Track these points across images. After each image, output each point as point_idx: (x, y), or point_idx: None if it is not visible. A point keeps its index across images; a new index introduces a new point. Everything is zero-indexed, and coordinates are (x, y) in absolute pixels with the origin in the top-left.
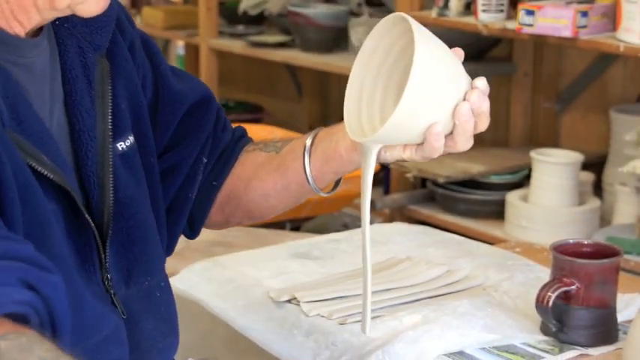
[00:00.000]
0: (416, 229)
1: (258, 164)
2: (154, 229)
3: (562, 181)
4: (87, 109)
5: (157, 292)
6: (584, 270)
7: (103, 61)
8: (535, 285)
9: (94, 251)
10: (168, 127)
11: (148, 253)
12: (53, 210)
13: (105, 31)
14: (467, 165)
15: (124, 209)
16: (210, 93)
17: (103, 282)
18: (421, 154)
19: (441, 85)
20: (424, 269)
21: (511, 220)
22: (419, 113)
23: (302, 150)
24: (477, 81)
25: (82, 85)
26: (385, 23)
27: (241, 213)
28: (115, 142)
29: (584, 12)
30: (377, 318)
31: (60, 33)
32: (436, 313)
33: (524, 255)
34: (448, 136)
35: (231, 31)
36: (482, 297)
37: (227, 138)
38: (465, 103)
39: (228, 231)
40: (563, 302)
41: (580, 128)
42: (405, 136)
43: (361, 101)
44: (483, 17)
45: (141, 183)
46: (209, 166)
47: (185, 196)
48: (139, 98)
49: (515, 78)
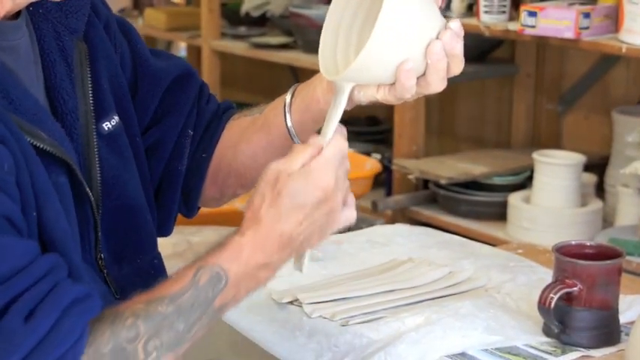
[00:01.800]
0: (418, 230)
1: (243, 128)
2: (145, 208)
3: (564, 183)
4: (67, 92)
5: (151, 270)
6: (586, 271)
7: (81, 44)
8: (537, 286)
9: (92, 229)
10: (150, 104)
11: (139, 232)
12: (60, 183)
13: (80, 14)
14: (469, 166)
15: (112, 189)
16: (190, 69)
17: (96, 261)
18: (394, 94)
19: (412, 23)
20: (426, 271)
21: (513, 222)
22: (389, 50)
23: (282, 105)
24: (451, 22)
25: (60, 68)
26: None
27: (234, 180)
28: (99, 123)
29: (587, 13)
30: (379, 319)
31: (35, 18)
32: (438, 314)
33: (527, 256)
34: (421, 77)
35: (234, 33)
36: (484, 298)
37: (212, 109)
38: (437, 41)
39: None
40: (565, 304)
41: (582, 129)
42: (377, 74)
43: (337, 43)
44: (485, 18)
45: (128, 162)
46: (197, 137)
47: (175, 170)
48: (120, 78)
49: (517, 79)
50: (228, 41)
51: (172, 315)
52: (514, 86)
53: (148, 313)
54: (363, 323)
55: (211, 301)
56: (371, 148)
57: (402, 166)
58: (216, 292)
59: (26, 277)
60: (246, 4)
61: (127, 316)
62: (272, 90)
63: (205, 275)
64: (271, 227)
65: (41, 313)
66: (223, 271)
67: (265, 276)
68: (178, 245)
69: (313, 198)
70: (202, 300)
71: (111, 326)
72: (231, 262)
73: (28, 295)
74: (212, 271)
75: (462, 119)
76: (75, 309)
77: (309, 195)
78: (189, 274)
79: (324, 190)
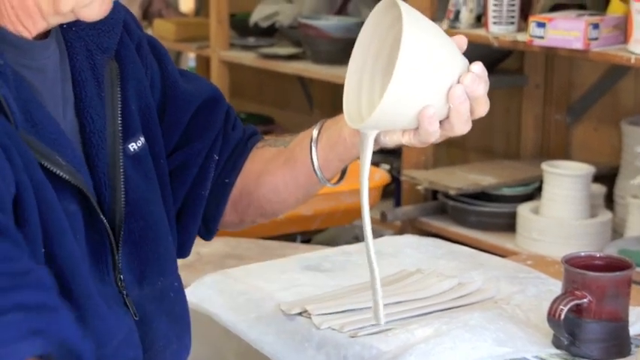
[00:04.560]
0: (426, 241)
1: (267, 159)
2: (167, 230)
3: (573, 194)
4: (97, 111)
5: (171, 293)
6: (596, 283)
7: (112, 64)
8: (547, 298)
9: (108, 252)
10: (177, 127)
11: (161, 253)
12: (71, 211)
13: (112, 33)
14: (478, 177)
15: (136, 210)
16: (218, 92)
17: (116, 283)
18: (418, 138)
19: (432, 69)
20: (435, 282)
21: (522, 233)
22: (409, 97)
23: (309, 141)
24: (473, 65)
25: (91, 87)
26: (380, 9)
27: (254, 210)
28: (126, 144)
29: (596, 24)
30: (388, 331)
31: (68, 36)
32: (448, 325)
33: (536, 268)
34: (445, 120)
35: (242, 43)
36: (493, 310)
37: (238, 136)
38: (458, 85)
39: (239, 243)
40: (575, 315)
41: (591, 140)
42: (399, 120)
43: (361, 87)
44: (494, 29)
45: (152, 184)
46: (221, 163)
47: (198, 194)
48: (148, 99)
49: (526, 90)
50: (237, 52)
51: None
52: (523, 97)
53: None
54: (372, 335)
55: None
56: (379, 158)
57: (410, 176)
58: None
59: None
60: (255, 14)
61: None
62: (281, 100)
63: None
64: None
65: None
66: None
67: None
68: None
69: None
70: None
71: None
72: None
73: None
74: None
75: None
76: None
77: None
78: None
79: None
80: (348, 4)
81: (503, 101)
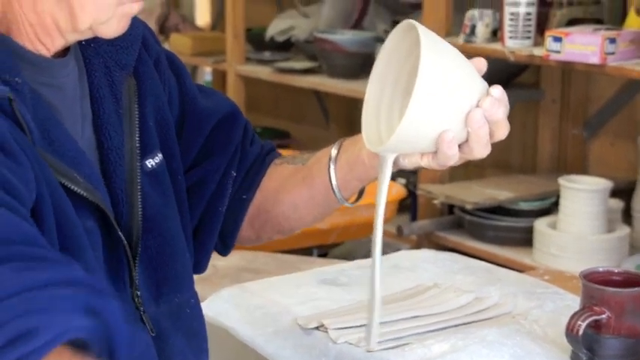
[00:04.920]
0: (443, 255)
1: (285, 176)
2: (184, 246)
3: (591, 208)
4: (114, 128)
5: (187, 309)
6: (614, 299)
7: (130, 80)
8: (565, 313)
9: (125, 268)
10: (195, 143)
11: (178, 269)
12: (89, 227)
13: (131, 50)
14: (494, 191)
15: (153, 226)
16: (236, 108)
17: (133, 299)
18: (437, 162)
19: (450, 92)
20: (452, 296)
21: (540, 248)
22: (427, 121)
23: (327, 160)
24: (493, 88)
25: (109, 103)
26: (398, 32)
27: (271, 226)
28: (143, 160)
29: (612, 39)
30: (405, 346)
31: (86, 53)
32: (464, 341)
33: (554, 283)
34: (464, 144)
35: (259, 58)
36: (511, 325)
37: (255, 152)
38: (477, 109)
39: (255, 257)
40: (593, 331)
41: (609, 155)
42: (418, 144)
43: (380, 110)
44: (510, 44)
45: (169, 200)
46: (238, 179)
47: (215, 210)
48: (166, 115)
49: (542, 104)
50: (253, 66)
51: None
52: (539, 111)
53: None
54: (388, 349)
55: None
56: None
57: (427, 191)
58: None
59: None
60: (271, 29)
61: None
62: (297, 114)
63: None
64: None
65: None
66: None
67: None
68: None
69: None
70: None
71: None
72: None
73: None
74: None
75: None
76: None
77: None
78: None
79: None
80: (364, 18)
81: (520, 115)
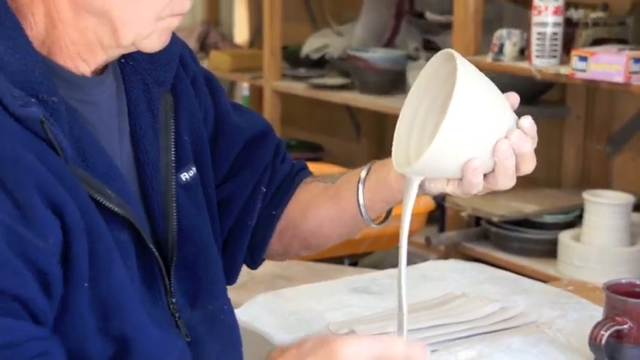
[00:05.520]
0: (471, 266)
1: (314, 194)
2: (217, 255)
3: (614, 222)
4: (151, 142)
5: (221, 315)
6: (636, 310)
7: (167, 96)
8: (588, 323)
9: (159, 278)
10: (227, 159)
11: (212, 277)
12: (122, 240)
13: (169, 67)
14: (520, 205)
15: (188, 237)
16: (268, 127)
17: (168, 306)
18: (461, 189)
19: (480, 122)
20: (479, 305)
21: (564, 259)
22: (455, 148)
23: (356, 181)
24: (523, 120)
25: (146, 119)
26: (437, 59)
27: (298, 242)
28: (178, 173)
29: (637, 59)
30: (432, 353)
31: (125, 70)
32: (490, 348)
33: (577, 293)
34: (490, 174)
35: (294, 74)
36: (535, 334)
37: (286, 170)
38: (504, 140)
39: (289, 265)
40: (615, 341)
41: (631, 170)
42: (444, 169)
43: (411, 134)
44: (537, 62)
45: (202, 212)
46: (268, 195)
47: (244, 224)
48: (201, 131)
49: (568, 121)
50: (288, 82)
51: None
52: (564, 127)
53: None
54: None
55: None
56: None
57: (455, 203)
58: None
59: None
60: (306, 47)
61: None
62: (330, 128)
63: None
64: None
65: None
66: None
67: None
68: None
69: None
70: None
71: None
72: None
73: None
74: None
75: None
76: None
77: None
78: None
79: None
80: (396, 37)
81: (545, 131)
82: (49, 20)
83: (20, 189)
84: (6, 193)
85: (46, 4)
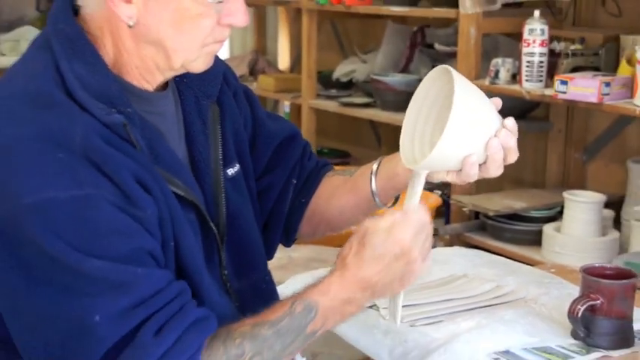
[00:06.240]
0: (471, 252)
1: (335, 186)
2: (258, 235)
3: (588, 217)
4: (202, 144)
5: (263, 285)
6: (607, 288)
7: (214, 107)
8: (567, 299)
9: (215, 251)
10: (263, 157)
11: (254, 253)
12: (191, 219)
13: (215, 83)
14: (511, 202)
15: (234, 220)
16: (297, 131)
17: (221, 277)
18: (460, 178)
19: (475, 124)
20: (478, 284)
21: (547, 247)
22: (456, 147)
23: (369, 173)
24: (507, 121)
25: (197, 126)
26: (432, 74)
27: (324, 225)
28: (225, 169)
29: (608, 82)
30: (440, 322)
31: (180, 87)
32: (487, 319)
33: (558, 275)
34: (482, 165)
35: (327, 94)
36: (524, 308)
37: (312, 166)
38: (495, 138)
39: (323, 250)
40: (589, 314)
41: (603, 174)
42: (447, 164)
43: (414, 136)
44: (526, 85)
45: (246, 200)
46: (298, 186)
47: (279, 210)
48: (242, 135)
49: (551, 134)
50: (322, 100)
51: (272, 337)
52: (548, 139)
53: (253, 335)
54: (427, 325)
55: (304, 327)
56: (433, 186)
57: (458, 200)
58: (308, 321)
59: (160, 299)
60: (336, 71)
61: (236, 336)
62: (355, 139)
63: (300, 306)
64: (354, 272)
65: (168, 329)
66: (314, 302)
67: (350, 311)
68: (282, 259)
69: (391, 252)
70: (296, 326)
71: (223, 344)
72: (320, 296)
73: (160, 314)
74: (305, 303)
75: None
76: (195, 327)
77: (388, 249)
78: (287, 305)
79: (401, 246)
80: (410, 64)
81: (532, 142)
82: (116, 49)
83: (118, 175)
84: (109, 180)
85: (113, 36)
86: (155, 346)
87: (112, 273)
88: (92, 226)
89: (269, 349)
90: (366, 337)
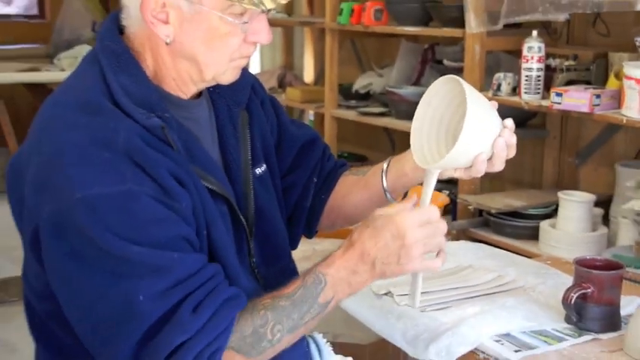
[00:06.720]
0: (475, 245)
1: (351, 184)
2: (283, 228)
3: (580, 214)
4: (233, 147)
5: (287, 272)
6: (597, 278)
7: (244, 113)
8: (561, 288)
9: (245, 242)
10: (287, 158)
11: (280, 243)
12: (223, 212)
13: (244, 92)
14: (512, 201)
15: (262, 214)
16: (317, 135)
17: (250, 265)
18: (468, 174)
19: (484, 128)
20: (481, 274)
21: (544, 241)
22: (470, 147)
23: (381, 172)
24: (507, 121)
25: (229, 131)
26: (438, 83)
27: (342, 219)
28: (254, 169)
29: (598, 94)
30: (448, 308)
31: (213, 96)
32: (490, 306)
33: (554, 266)
34: (488, 161)
35: (347, 104)
36: (523, 296)
37: (330, 166)
38: (500, 138)
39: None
40: (581, 301)
41: (593, 177)
42: (459, 163)
43: (422, 139)
44: (525, 97)
45: (272, 196)
46: (318, 184)
47: (302, 205)
48: (268, 138)
49: (547, 140)
50: (342, 110)
51: (289, 307)
52: (545, 145)
53: (274, 306)
54: (436, 310)
55: (316, 297)
56: (442, 186)
57: (464, 199)
58: (319, 290)
59: (196, 280)
60: (355, 84)
61: (260, 308)
62: (372, 145)
63: (310, 278)
64: (355, 246)
65: (204, 307)
66: (322, 274)
67: (357, 281)
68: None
69: (388, 231)
70: (309, 296)
71: (251, 315)
72: (327, 268)
73: (196, 293)
74: (315, 275)
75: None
76: (228, 304)
77: (386, 227)
78: (300, 279)
79: (398, 228)
80: (421, 78)
81: (530, 148)
82: (156, 63)
83: (156, 171)
84: (147, 175)
85: (152, 52)
86: (193, 321)
87: (152, 258)
88: (134, 216)
89: (287, 317)
90: (382, 321)
